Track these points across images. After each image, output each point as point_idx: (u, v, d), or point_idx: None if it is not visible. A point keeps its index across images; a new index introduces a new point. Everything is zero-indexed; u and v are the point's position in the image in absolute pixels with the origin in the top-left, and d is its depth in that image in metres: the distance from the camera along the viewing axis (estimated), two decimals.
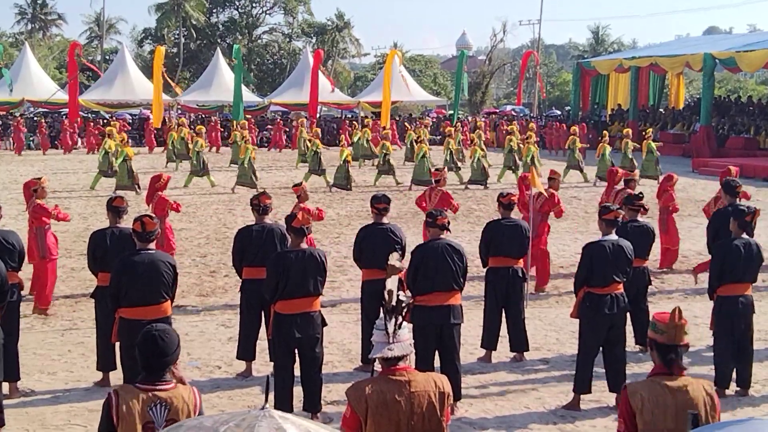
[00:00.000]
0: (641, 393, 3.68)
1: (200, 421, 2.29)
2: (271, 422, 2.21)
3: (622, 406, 3.74)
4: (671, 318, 3.78)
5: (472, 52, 67.98)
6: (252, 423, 2.19)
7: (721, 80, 54.59)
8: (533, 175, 9.85)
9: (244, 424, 2.19)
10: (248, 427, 2.18)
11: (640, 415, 3.64)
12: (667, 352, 3.74)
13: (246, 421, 2.21)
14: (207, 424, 2.24)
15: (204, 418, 2.33)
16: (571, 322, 7.50)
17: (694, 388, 3.69)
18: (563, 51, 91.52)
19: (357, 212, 16.46)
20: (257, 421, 2.20)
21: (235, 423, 2.20)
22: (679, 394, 3.66)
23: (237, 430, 2.17)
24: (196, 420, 2.34)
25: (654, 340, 3.79)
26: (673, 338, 3.74)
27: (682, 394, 3.66)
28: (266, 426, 2.18)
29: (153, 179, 10.53)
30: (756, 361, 6.92)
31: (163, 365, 3.54)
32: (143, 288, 5.90)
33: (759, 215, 6.87)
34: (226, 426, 2.18)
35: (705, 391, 3.71)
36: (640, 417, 3.64)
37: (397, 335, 3.59)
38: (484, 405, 6.54)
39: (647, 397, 3.65)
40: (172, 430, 2.30)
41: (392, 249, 6.93)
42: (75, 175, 23.51)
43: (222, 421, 2.22)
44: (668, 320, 3.78)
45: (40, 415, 6.30)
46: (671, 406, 3.62)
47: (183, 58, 56.54)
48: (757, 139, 28.98)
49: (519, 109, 46.52)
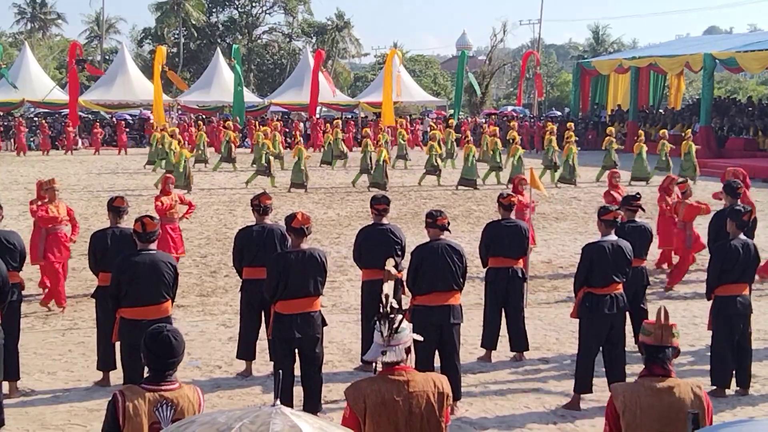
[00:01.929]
0: (623, 395, 3.69)
1: (213, 417, 2.27)
2: (285, 419, 2.19)
3: (607, 407, 3.77)
4: (657, 318, 3.80)
5: (472, 52, 67.98)
6: (266, 420, 2.18)
7: (721, 81, 54.58)
8: (533, 176, 9.87)
9: (258, 421, 2.18)
10: (263, 424, 2.16)
11: (623, 416, 3.65)
12: (655, 353, 3.75)
13: (260, 417, 2.20)
14: (220, 420, 2.22)
15: (216, 414, 2.31)
16: (570, 321, 7.51)
17: (682, 389, 3.69)
18: (563, 51, 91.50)
19: (357, 213, 16.48)
20: (271, 418, 2.19)
21: (249, 420, 2.18)
22: (666, 395, 3.66)
23: (251, 426, 2.16)
24: (208, 416, 2.32)
25: (643, 343, 3.82)
26: (660, 339, 3.75)
27: (668, 396, 3.66)
28: (280, 423, 2.17)
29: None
30: (755, 361, 6.93)
31: (172, 365, 3.54)
32: (144, 288, 5.91)
33: (754, 213, 6.89)
34: (240, 423, 2.17)
35: (693, 392, 3.70)
36: (623, 418, 3.65)
37: (394, 339, 3.59)
38: (484, 405, 6.55)
39: (630, 398, 3.66)
40: (185, 424, 2.29)
41: (392, 249, 6.95)
42: (76, 176, 23.52)
43: (235, 418, 2.20)
44: (655, 321, 3.80)
45: (40, 414, 6.30)
46: (656, 407, 3.62)
47: (183, 58, 56.51)
48: (757, 140, 28.97)
49: (519, 109, 46.46)
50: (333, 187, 20.53)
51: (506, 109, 49.71)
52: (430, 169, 21.15)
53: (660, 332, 3.75)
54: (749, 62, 28.81)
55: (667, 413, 3.60)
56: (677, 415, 3.60)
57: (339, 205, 17.81)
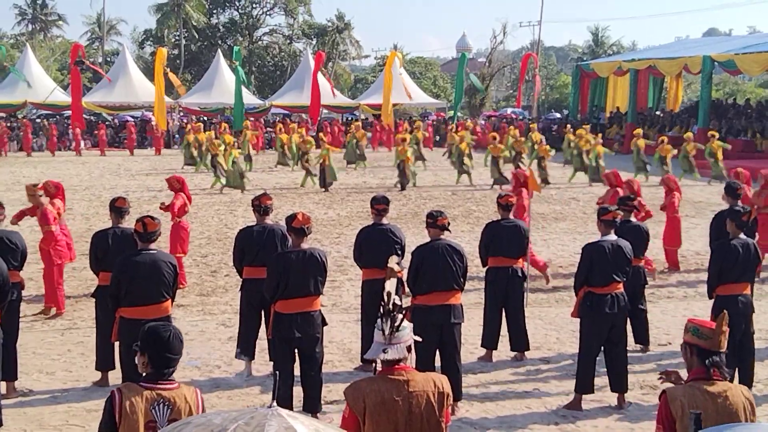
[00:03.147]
0: (681, 399, 3.61)
1: (209, 418, 2.26)
2: (280, 421, 2.18)
3: (661, 412, 3.67)
4: (718, 324, 3.74)
5: (472, 54, 67.96)
6: (261, 422, 2.16)
7: (719, 83, 54.57)
8: (531, 176, 9.87)
9: (254, 423, 2.16)
10: (257, 426, 2.14)
11: (680, 421, 3.57)
12: (710, 356, 3.70)
13: (255, 419, 2.18)
14: (216, 421, 2.20)
15: (212, 415, 2.30)
16: (571, 321, 7.51)
17: (734, 393, 3.66)
18: (563, 53, 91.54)
19: (357, 213, 16.48)
20: (266, 419, 2.17)
21: (244, 421, 2.17)
22: (720, 399, 3.62)
23: (246, 428, 2.14)
24: (204, 417, 2.30)
25: (696, 345, 3.73)
26: (717, 345, 3.71)
27: (722, 400, 3.62)
28: (276, 425, 2.15)
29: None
30: (757, 360, 6.92)
31: (174, 364, 3.53)
32: (144, 287, 5.90)
33: (754, 213, 6.90)
34: (235, 425, 2.15)
35: (744, 395, 3.68)
36: (680, 423, 3.57)
37: (395, 337, 3.58)
38: (484, 405, 6.53)
39: (687, 403, 3.58)
40: (180, 426, 2.28)
41: (392, 249, 6.96)
42: (78, 177, 23.54)
43: (231, 419, 2.19)
44: (715, 326, 3.74)
45: (38, 415, 6.29)
46: (711, 412, 3.57)
47: (184, 59, 56.52)
48: (755, 142, 28.97)
49: (518, 111, 46.48)
50: (333, 188, 20.51)
51: (506, 111, 49.70)
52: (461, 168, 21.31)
53: (719, 338, 3.71)
54: (749, 64, 28.79)
55: (721, 418, 3.55)
56: (731, 418, 3.57)
57: (339, 205, 17.82)
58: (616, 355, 6.52)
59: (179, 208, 10.41)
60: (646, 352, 7.87)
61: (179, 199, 10.47)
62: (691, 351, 3.76)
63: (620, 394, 6.52)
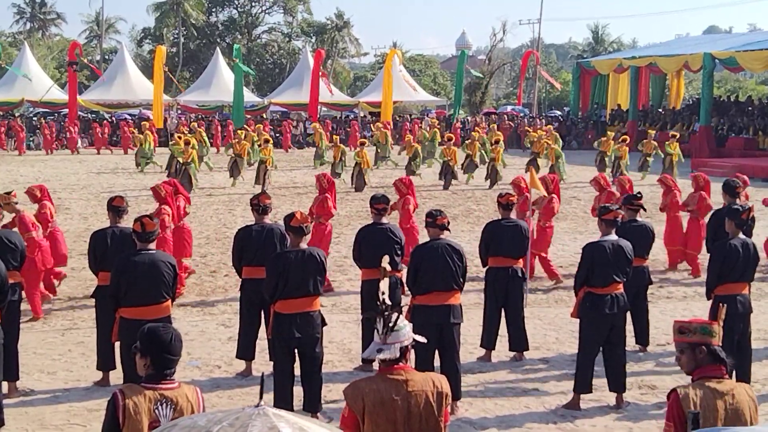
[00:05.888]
0: (693, 397, 3.61)
1: (194, 420, 2.26)
2: (265, 421, 2.17)
3: (672, 409, 3.66)
4: (720, 318, 3.79)
5: (471, 51, 67.99)
6: (245, 422, 2.15)
7: (720, 80, 54.54)
8: (532, 176, 9.86)
9: (238, 424, 2.15)
10: (241, 427, 2.13)
11: None
12: (720, 354, 3.71)
13: (240, 420, 2.17)
14: (200, 423, 2.20)
15: (197, 417, 2.30)
16: (570, 321, 7.51)
17: (739, 392, 3.68)
18: (563, 51, 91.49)
19: (357, 212, 16.48)
20: (251, 420, 2.16)
21: (228, 422, 2.16)
22: (728, 397, 3.64)
23: (230, 429, 2.13)
24: (189, 419, 2.30)
25: (707, 344, 3.73)
26: (719, 339, 3.74)
27: (730, 398, 3.64)
28: (259, 425, 2.15)
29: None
30: (755, 360, 6.93)
31: (174, 365, 3.54)
32: (143, 288, 5.91)
33: (753, 212, 6.89)
34: (219, 426, 2.14)
35: (748, 395, 3.70)
36: None
37: (390, 337, 3.59)
38: (484, 404, 6.54)
39: (699, 401, 3.59)
40: (166, 429, 2.29)
41: (392, 249, 6.96)
42: (75, 175, 23.51)
43: (215, 421, 2.19)
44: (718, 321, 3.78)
45: (39, 414, 6.30)
46: (720, 409, 3.59)
47: (182, 57, 56.50)
48: (757, 140, 28.98)
49: (519, 109, 46.44)
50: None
51: (506, 109, 49.62)
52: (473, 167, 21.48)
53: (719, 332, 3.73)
54: (750, 62, 28.80)
55: (729, 416, 3.57)
56: (738, 416, 3.59)
57: (339, 205, 17.73)
58: (615, 356, 6.53)
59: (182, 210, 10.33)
60: (645, 353, 7.87)
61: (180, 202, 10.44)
62: (700, 350, 3.75)
63: (619, 394, 6.53)
